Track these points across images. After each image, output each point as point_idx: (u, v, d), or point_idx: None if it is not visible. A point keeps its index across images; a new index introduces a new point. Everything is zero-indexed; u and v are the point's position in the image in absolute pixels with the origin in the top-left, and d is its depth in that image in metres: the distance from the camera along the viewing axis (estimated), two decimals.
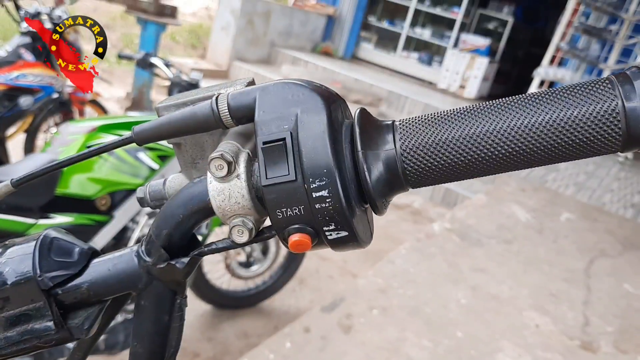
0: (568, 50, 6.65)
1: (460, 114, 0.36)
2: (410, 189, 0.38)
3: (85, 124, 2.00)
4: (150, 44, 5.00)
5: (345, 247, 0.38)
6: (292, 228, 0.36)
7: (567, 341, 2.64)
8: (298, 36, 8.97)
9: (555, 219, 4.42)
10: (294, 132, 0.36)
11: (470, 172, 0.36)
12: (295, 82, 0.37)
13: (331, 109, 0.36)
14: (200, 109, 0.38)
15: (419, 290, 2.82)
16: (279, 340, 2.21)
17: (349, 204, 0.35)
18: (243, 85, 0.41)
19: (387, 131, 0.38)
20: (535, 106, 0.34)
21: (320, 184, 0.35)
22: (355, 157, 0.36)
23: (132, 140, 0.40)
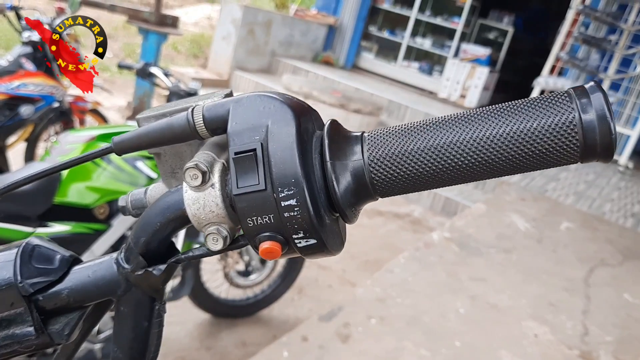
0: (568, 60, 6.68)
1: (426, 126, 0.37)
2: (379, 198, 0.39)
3: (84, 133, 2.01)
4: (151, 54, 5.03)
5: (315, 254, 0.39)
6: (262, 236, 0.37)
7: (566, 351, 2.63)
8: (299, 46, 9.01)
9: (555, 228, 4.42)
10: (265, 142, 0.37)
11: (435, 182, 0.37)
12: (268, 94, 0.38)
13: (301, 121, 0.37)
14: (177, 120, 0.39)
15: (418, 299, 2.81)
16: (276, 349, 2.21)
17: (317, 213, 0.36)
18: (220, 98, 0.42)
19: (355, 142, 0.39)
20: (497, 118, 0.35)
21: (288, 193, 0.36)
22: (325, 167, 0.37)
23: (112, 150, 0.41)
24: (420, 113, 7.19)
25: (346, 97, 5.98)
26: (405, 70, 9.76)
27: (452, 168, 0.36)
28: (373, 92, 7.60)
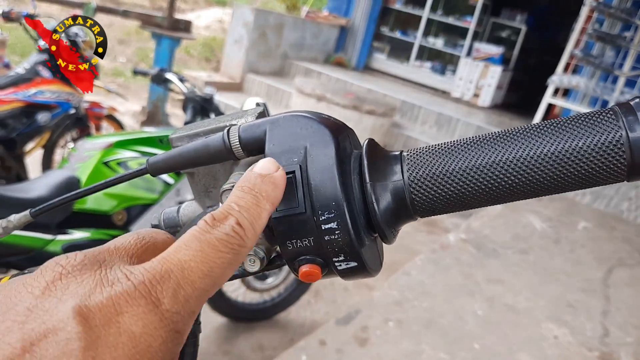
0: (582, 58, 6.60)
1: (467, 145, 0.37)
2: (419, 218, 0.39)
3: (101, 140, 2.03)
4: (164, 59, 5.05)
5: (355, 276, 0.38)
6: (302, 259, 0.37)
7: (586, 352, 2.61)
8: (310, 48, 9.02)
9: (572, 228, 4.38)
10: (303, 165, 0.36)
11: (476, 202, 0.37)
12: (304, 114, 0.38)
13: (339, 141, 0.37)
14: (212, 141, 0.39)
15: (435, 302, 2.80)
16: (294, 354, 2.21)
17: (357, 235, 0.36)
18: (254, 117, 0.42)
19: (395, 162, 0.39)
20: (541, 137, 0.34)
21: (329, 216, 0.35)
22: (364, 188, 0.37)
23: (147, 171, 0.41)
24: (434, 113, 7.16)
25: (359, 99, 5.97)
26: (418, 70, 9.73)
27: (494, 188, 0.35)
28: (386, 92, 7.58)
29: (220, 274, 0.27)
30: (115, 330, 0.23)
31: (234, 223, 0.29)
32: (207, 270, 0.27)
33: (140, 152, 2.03)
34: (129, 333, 0.23)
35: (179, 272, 0.26)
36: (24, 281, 0.26)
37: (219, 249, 0.27)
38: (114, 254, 0.28)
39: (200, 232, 0.28)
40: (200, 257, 0.27)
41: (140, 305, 0.24)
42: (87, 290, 0.25)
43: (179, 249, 0.27)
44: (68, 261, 0.26)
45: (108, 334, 0.23)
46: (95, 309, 0.24)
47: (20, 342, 0.22)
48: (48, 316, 0.23)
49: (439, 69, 9.61)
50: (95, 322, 0.23)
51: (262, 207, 0.31)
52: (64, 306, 0.23)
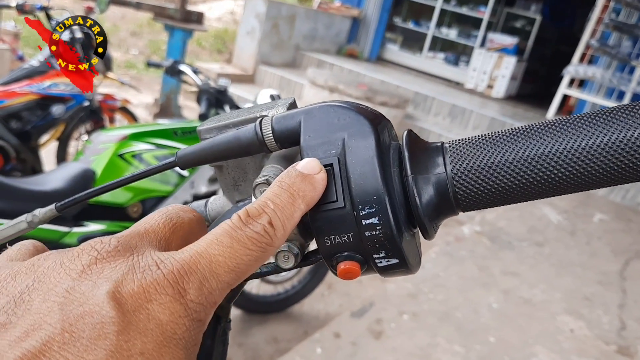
0: (598, 48, 6.52)
1: (512, 135, 0.35)
2: (461, 212, 0.37)
3: (116, 133, 2.03)
4: (177, 51, 5.05)
5: (395, 273, 0.37)
6: (340, 256, 0.35)
7: (603, 346, 2.58)
8: (323, 39, 8.98)
9: (588, 220, 4.33)
10: (342, 157, 0.35)
11: (524, 196, 0.35)
12: (341, 104, 0.36)
13: (379, 132, 0.35)
14: (244, 133, 0.38)
15: (450, 294, 2.78)
16: (309, 346, 2.21)
17: (399, 231, 0.34)
18: (285, 107, 0.41)
19: (436, 154, 0.37)
20: (593, 126, 0.32)
21: (370, 211, 0.34)
22: (405, 181, 0.35)
23: (176, 164, 0.40)
24: (447, 105, 7.10)
25: (372, 90, 5.94)
26: (431, 61, 9.66)
27: (544, 181, 0.33)
28: (399, 84, 7.54)
29: (245, 269, 0.28)
30: (144, 316, 0.24)
31: (266, 222, 0.29)
32: (233, 266, 0.28)
33: (155, 144, 2.03)
34: (156, 320, 0.25)
35: (207, 265, 0.27)
36: (62, 262, 0.27)
37: (248, 246, 0.28)
38: (144, 238, 0.29)
39: (233, 228, 0.29)
40: (229, 252, 0.28)
41: (167, 294, 0.25)
42: (120, 276, 0.26)
43: (210, 243, 0.28)
44: (103, 246, 0.27)
45: (138, 320, 0.24)
46: (127, 295, 0.25)
47: (60, 323, 0.23)
48: (85, 299, 0.24)
49: (452, 59, 9.54)
50: (127, 308, 0.24)
51: (297, 207, 0.31)
52: (99, 290, 0.24)
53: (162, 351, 0.24)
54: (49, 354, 0.22)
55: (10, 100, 2.82)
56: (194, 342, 0.26)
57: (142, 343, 0.24)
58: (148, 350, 0.24)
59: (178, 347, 0.25)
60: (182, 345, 0.25)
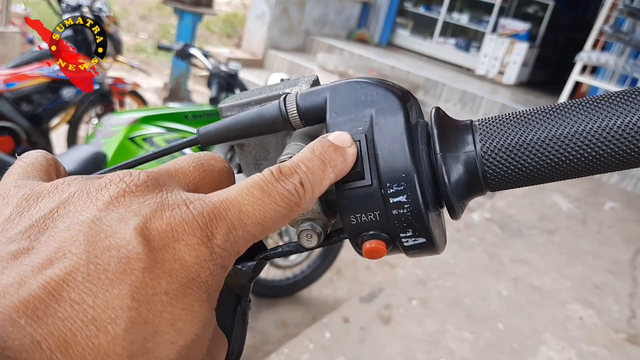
0: (612, 34, 6.43)
1: (545, 113, 0.34)
2: (489, 192, 0.36)
3: (127, 116, 2.03)
4: (187, 34, 5.03)
5: (421, 253, 0.36)
6: (366, 234, 0.35)
7: (612, 334, 2.57)
8: (333, 24, 8.92)
9: (599, 208, 4.31)
10: (369, 134, 0.34)
11: (554, 175, 0.34)
12: (368, 80, 0.35)
13: (407, 109, 0.34)
14: (268, 110, 0.37)
15: (459, 281, 2.78)
16: (318, 331, 2.21)
17: (427, 210, 0.34)
18: (308, 84, 0.40)
19: (466, 132, 0.36)
20: (630, 105, 0.31)
21: (398, 189, 0.33)
22: (433, 159, 0.35)
23: (198, 142, 0.39)
24: (458, 91, 7.05)
25: (382, 76, 5.90)
26: (442, 47, 9.57)
27: (577, 160, 0.33)
28: (409, 70, 7.48)
29: (271, 225, 0.28)
30: (170, 256, 0.24)
31: (297, 182, 0.29)
32: (261, 219, 0.28)
33: (166, 127, 2.02)
34: (182, 261, 0.24)
35: (236, 213, 0.27)
36: (88, 190, 0.26)
37: (278, 202, 0.28)
38: (174, 177, 0.29)
39: (265, 182, 0.29)
40: (258, 204, 0.28)
41: (195, 235, 0.25)
42: (149, 212, 0.25)
43: (241, 192, 0.28)
44: (132, 179, 0.26)
45: (164, 259, 0.24)
46: (155, 232, 0.24)
47: (85, 254, 0.22)
48: (112, 232, 0.24)
49: (463, 45, 9.44)
50: (154, 245, 0.24)
51: (327, 174, 0.31)
52: (126, 225, 0.24)
53: (186, 292, 0.24)
54: (73, 284, 0.21)
55: (20, 83, 2.82)
56: (216, 286, 0.26)
57: (167, 283, 0.23)
58: (172, 290, 0.23)
59: (201, 289, 0.25)
60: (205, 288, 0.25)
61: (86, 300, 0.21)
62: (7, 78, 2.79)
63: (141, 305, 0.22)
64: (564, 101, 0.34)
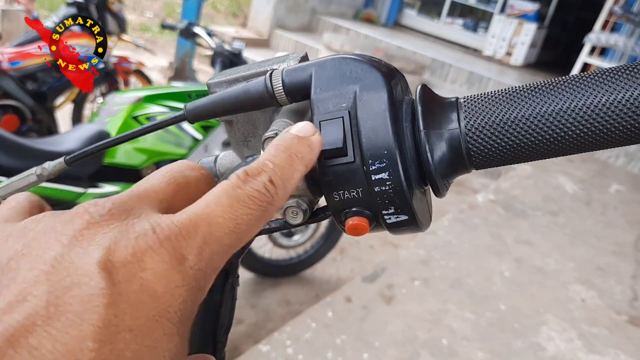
0: (622, 15, 6.34)
1: (530, 91, 0.34)
2: (473, 170, 0.36)
3: (131, 95, 2.03)
4: (192, 13, 5.00)
5: (404, 230, 0.36)
6: (349, 211, 0.35)
7: (614, 316, 2.58)
8: (339, 3, 8.84)
9: (604, 190, 4.29)
10: (353, 110, 0.34)
11: (539, 153, 0.34)
12: (354, 57, 0.35)
13: (392, 86, 0.34)
14: (254, 86, 0.37)
15: (462, 262, 2.79)
16: (321, 309, 2.23)
17: (409, 187, 0.34)
18: (297, 61, 0.40)
19: (450, 109, 0.35)
20: (616, 82, 0.31)
21: (380, 166, 0.33)
22: (417, 137, 0.34)
23: (184, 117, 0.39)
24: (465, 72, 7.00)
25: (388, 56, 5.86)
26: (449, 27, 9.48)
27: (561, 138, 0.32)
28: (416, 50, 7.43)
29: (246, 230, 0.27)
30: (137, 287, 0.22)
31: (266, 180, 0.28)
32: (234, 227, 0.26)
33: (169, 107, 2.03)
34: (150, 291, 0.23)
35: (207, 227, 0.25)
36: (54, 225, 0.25)
37: (249, 205, 0.27)
38: (144, 199, 0.27)
39: (232, 187, 0.27)
40: (229, 213, 0.26)
41: (164, 261, 0.23)
42: (112, 242, 0.23)
43: (209, 203, 0.26)
44: (96, 209, 0.25)
45: (130, 292, 0.22)
46: (119, 264, 0.23)
47: (46, 295, 0.21)
48: (73, 269, 0.22)
49: (471, 25, 9.35)
50: (118, 278, 0.22)
51: (296, 168, 0.30)
52: (89, 259, 0.23)
53: (154, 326, 0.22)
54: (32, 328, 0.20)
55: (25, 61, 2.82)
56: (189, 314, 0.25)
57: (133, 318, 0.22)
58: (137, 325, 0.22)
59: (172, 322, 0.23)
60: (177, 320, 0.23)
61: (45, 345, 0.20)
62: (12, 56, 2.79)
63: (103, 346, 0.21)
64: (550, 79, 0.34)
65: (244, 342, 2.31)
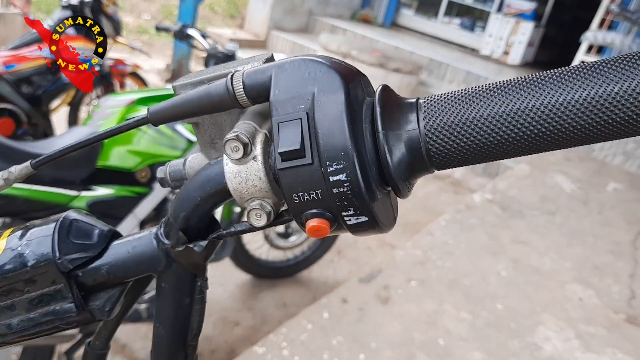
0: (619, 13, 6.34)
1: (489, 91, 0.33)
2: (435, 170, 0.36)
3: (124, 97, 2.02)
4: (188, 15, 5.01)
5: (366, 232, 0.36)
6: (309, 213, 0.35)
7: (612, 315, 2.58)
8: (336, 4, 8.83)
9: (601, 189, 4.29)
10: (310, 112, 0.34)
11: (499, 153, 0.34)
12: (313, 58, 0.35)
13: (350, 87, 0.34)
14: (215, 88, 0.37)
15: (458, 262, 2.79)
16: (316, 311, 2.23)
17: (368, 188, 0.34)
18: (261, 62, 0.40)
19: (410, 110, 0.35)
20: (572, 82, 0.31)
21: (337, 167, 0.33)
22: (376, 137, 0.34)
23: (148, 120, 0.39)
24: (462, 71, 7.00)
25: (385, 56, 5.85)
26: (446, 26, 9.48)
27: (519, 138, 0.32)
28: (413, 50, 7.42)
29: None
30: None
31: None
32: None
33: None
34: None
35: None
36: None
37: None
38: None
39: None
40: None
41: None
42: None
43: None
44: None
45: None
46: None
47: None
48: None
49: (468, 25, 9.35)
50: None
51: None
52: None
53: None
54: None
55: (20, 64, 2.82)
56: None
57: None
58: None
59: None
60: None
61: None
62: (7, 60, 2.78)
63: None
64: (510, 78, 0.34)
65: (241, 345, 2.30)
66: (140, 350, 2.19)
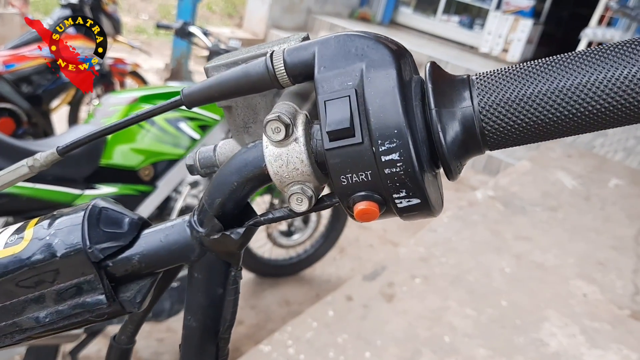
0: (618, 9, 6.34)
1: (545, 65, 0.32)
2: (487, 150, 0.35)
3: (127, 95, 2.02)
4: (187, 14, 4.99)
5: (416, 215, 0.35)
6: (357, 195, 0.33)
7: (616, 310, 2.57)
8: (335, 2, 8.82)
9: (603, 185, 4.28)
10: (359, 89, 0.32)
11: (556, 132, 0.32)
12: (359, 33, 0.34)
13: (400, 63, 0.33)
14: (254, 67, 0.35)
15: (462, 258, 2.78)
16: (321, 309, 2.22)
17: (421, 169, 0.32)
18: (298, 41, 0.38)
19: (462, 87, 0.34)
20: (634, 55, 0.29)
21: (390, 146, 0.31)
22: (428, 116, 0.33)
23: (182, 102, 0.38)
24: (461, 69, 6.99)
25: None
26: (445, 24, 9.46)
27: (580, 114, 0.31)
28: (412, 48, 7.41)
29: None
30: None
31: None
32: None
33: None
34: None
35: None
36: None
37: None
38: None
39: None
40: None
41: None
42: None
43: None
44: None
45: None
46: None
47: None
48: None
49: (467, 23, 9.33)
50: None
51: None
52: None
53: None
54: None
55: (20, 64, 2.80)
56: None
57: None
58: None
59: None
60: None
61: None
62: (7, 59, 2.77)
63: None
64: (565, 53, 0.32)
65: (244, 344, 2.29)
66: (144, 349, 2.18)
